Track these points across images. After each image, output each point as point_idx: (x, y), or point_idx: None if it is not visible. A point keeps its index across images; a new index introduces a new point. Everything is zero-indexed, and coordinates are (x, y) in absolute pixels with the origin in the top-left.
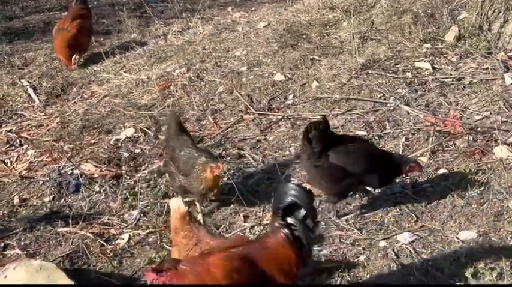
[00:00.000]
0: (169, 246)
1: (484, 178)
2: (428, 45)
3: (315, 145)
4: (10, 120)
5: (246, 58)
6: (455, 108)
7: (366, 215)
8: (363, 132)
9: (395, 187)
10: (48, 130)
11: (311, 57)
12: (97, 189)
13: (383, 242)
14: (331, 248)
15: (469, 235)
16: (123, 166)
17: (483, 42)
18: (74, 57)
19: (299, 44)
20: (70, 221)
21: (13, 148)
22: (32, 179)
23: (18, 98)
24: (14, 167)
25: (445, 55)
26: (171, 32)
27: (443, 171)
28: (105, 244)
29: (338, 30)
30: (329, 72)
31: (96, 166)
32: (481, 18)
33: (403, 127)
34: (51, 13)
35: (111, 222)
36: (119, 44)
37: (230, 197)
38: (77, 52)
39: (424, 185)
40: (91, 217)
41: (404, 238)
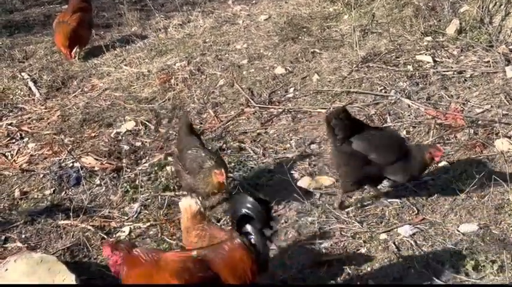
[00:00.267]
0: (169, 239)
1: (485, 171)
2: (429, 38)
3: (338, 133)
4: (11, 113)
5: (246, 51)
6: (456, 102)
7: (367, 208)
8: None
9: None
10: (48, 123)
11: (312, 50)
12: (98, 182)
13: (384, 235)
14: (331, 241)
15: (470, 227)
16: (124, 159)
17: (484, 35)
18: (74, 50)
19: (300, 37)
20: (71, 214)
21: (14, 141)
22: (32, 172)
23: (19, 91)
24: (14, 161)
25: (446, 48)
26: (171, 25)
27: (444, 164)
28: (106, 237)
29: (339, 23)
30: (330, 65)
31: (96, 159)
32: (482, 11)
33: (404, 120)
34: (51, 6)
35: (111, 215)
36: (120, 37)
37: (231, 190)
38: (77, 45)
39: (424, 178)
40: (92, 210)
41: (405, 230)
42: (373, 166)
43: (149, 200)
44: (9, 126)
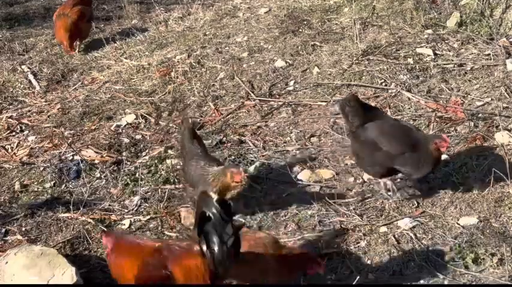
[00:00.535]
0: (170, 232)
1: (485, 163)
2: (429, 31)
3: (352, 119)
4: (11, 106)
5: (247, 44)
6: (457, 94)
7: (367, 201)
8: None
9: None
10: (48, 116)
11: (312, 43)
12: (98, 175)
13: (384, 228)
14: (331, 234)
15: (470, 220)
16: (124, 152)
17: (485, 28)
18: (74, 43)
19: (300, 30)
20: (71, 207)
21: (14, 134)
22: (32, 165)
23: (19, 84)
24: (14, 153)
25: (446, 41)
26: (171, 18)
27: (444, 157)
28: (106, 229)
29: (339, 16)
30: (330, 58)
31: (96, 152)
32: (482, 4)
33: (404, 113)
34: None
35: (112, 208)
36: (120, 30)
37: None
38: (77, 38)
39: None
40: (92, 203)
41: (405, 223)
42: (383, 154)
43: (149, 193)
44: (9, 119)
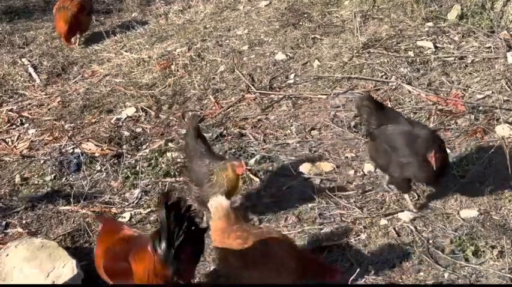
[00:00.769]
0: None
1: (486, 156)
2: (430, 24)
3: (368, 119)
4: (11, 99)
5: (247, 37)
6: (457, 87)
7: (367, 193)
8: None
9: None
10: (49, 109)
11: (312, 36)
12: (98, 168)
13: (384, 221)
14: (332, 227)
15: (470, 213)
16: (124, 145)
17: (486, 20)
18: (74, 36)
19: (300, 23)
20: (71, 200)
21: (14, 127)
22: (33, 158)
23: (19, 77)
24: (15, 146)
25: (447, 34)
26: (172, 11)
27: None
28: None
29: (340, 8)
30: (330, 51)
31: (97, 145)
32: None
33: (405, 106)
34: None
35: (112, 201)
36: (120, 23)
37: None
38: (77, 31)
39: None
40: (92, 196)
41: (405, 216)
42: (392, 158)
43: (150, 186)
44: (10, 112)
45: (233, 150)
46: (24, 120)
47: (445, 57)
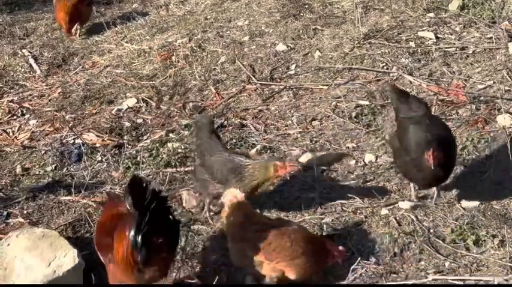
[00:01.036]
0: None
1: (487, 146)
2: (431, 15)
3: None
4: (12, 90)
5: (248, 28)
6: (458, 78)
7: (368, 183)
8: (365, 102)
9: None
10: (50, 100)
11: (313, 27)
12: (99, 158)
13: (385, 210)
14: (333, 217)
15: (471, 202)
16: (125, 135)
17: (487, 11)
18: (74, 27)
19: (301, 13)
20: (72, 190)
21: (15, 117)
22: (34, 149)
23: (20, 68)
24: (16, 137)
25: (448, 24)
26: (172, 2)
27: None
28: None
29: None
30: (331, 42)
31: (98, 136)
32: None
33: None
34: None
35: (113, 191)
36: (120, 14)
37: None
38: (77, 22)
39: None
40: (93, 186)
41: (405, 205)
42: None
43: (151, 177)
44: (11, 103)
45: (234, 140)
46: (25, 111)
47: (446, 48)
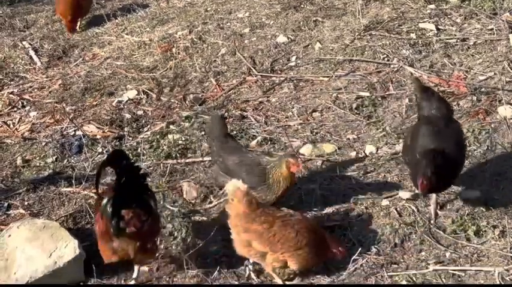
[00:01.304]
0: (171, 207)
1: (488, 137)
2: (432, 6)
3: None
4: (12, 82)
5: (248, 20)
6: (459, 69)
7: (369, 175)
8: (366, 93)
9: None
10: (50, 92)
11: (314, 18)
12: (99, 150)
13: (385, 201)
14: (334, 208)
15: (472, 193)
16: (126, 127)
17: (488, 2)
18: (77, 21)
19: (302, 5)
20: (73, 182)
21: (15, 109)
22: (34, 141)
23: (20, 60)
24: (16, 129)
25: (449, 16)
26: None
27: None
28: None
29: None
30: (332, 33)
31: (98, 127)
32: None
33: (407, 88)
34: None
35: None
36: (121, 6)
37: None
38: (78, 14)
39: None
40: (94, 178)
41: (405, 195)
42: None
43: (151, 168)
44: (11, 95)
45: (234, 132)
46: (25, 103)
47: (447, 39)
